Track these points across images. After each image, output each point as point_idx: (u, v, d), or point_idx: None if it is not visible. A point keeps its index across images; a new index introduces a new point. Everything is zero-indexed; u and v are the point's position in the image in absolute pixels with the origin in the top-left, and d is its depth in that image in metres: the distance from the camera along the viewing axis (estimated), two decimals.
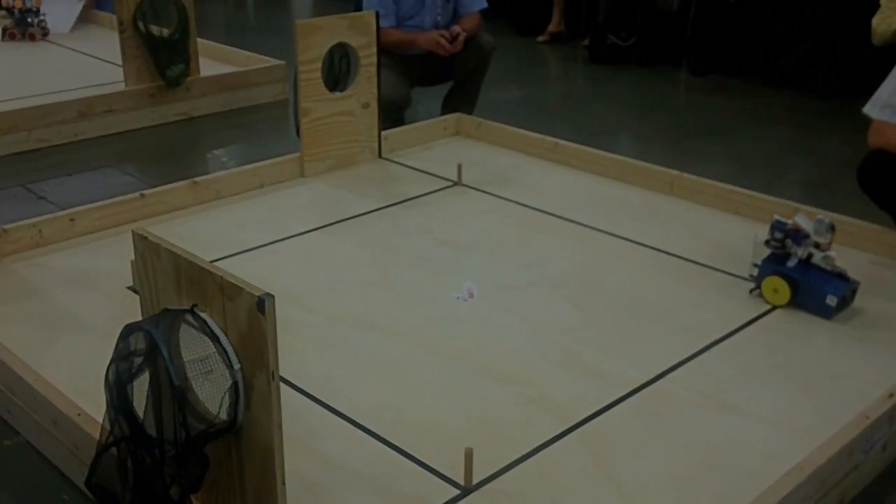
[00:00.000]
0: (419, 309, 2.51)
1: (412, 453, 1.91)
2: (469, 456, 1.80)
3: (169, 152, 4.13)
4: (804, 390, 2.15)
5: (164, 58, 4.33)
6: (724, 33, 5.39)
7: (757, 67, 5.30)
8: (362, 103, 3.50)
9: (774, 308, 2.49)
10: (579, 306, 2.52)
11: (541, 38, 6.36)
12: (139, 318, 1.64)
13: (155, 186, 3.20)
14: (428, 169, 3.51)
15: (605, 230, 2.99)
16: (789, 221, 2.46)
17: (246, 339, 1.46)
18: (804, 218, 2.47)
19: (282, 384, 1.49)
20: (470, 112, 4.10)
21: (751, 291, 2.55)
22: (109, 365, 1.54)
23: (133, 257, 1.67)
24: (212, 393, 1.50)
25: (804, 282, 2.44)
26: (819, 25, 5.04)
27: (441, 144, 3.81)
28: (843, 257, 2.49)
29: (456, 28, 3.99)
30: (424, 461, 1.88)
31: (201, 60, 4.55)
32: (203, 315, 1.51)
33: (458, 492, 1.80)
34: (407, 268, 2.76)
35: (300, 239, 2.94)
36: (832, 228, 2.43)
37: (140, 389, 1.52)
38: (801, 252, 2.45)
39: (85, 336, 2.36)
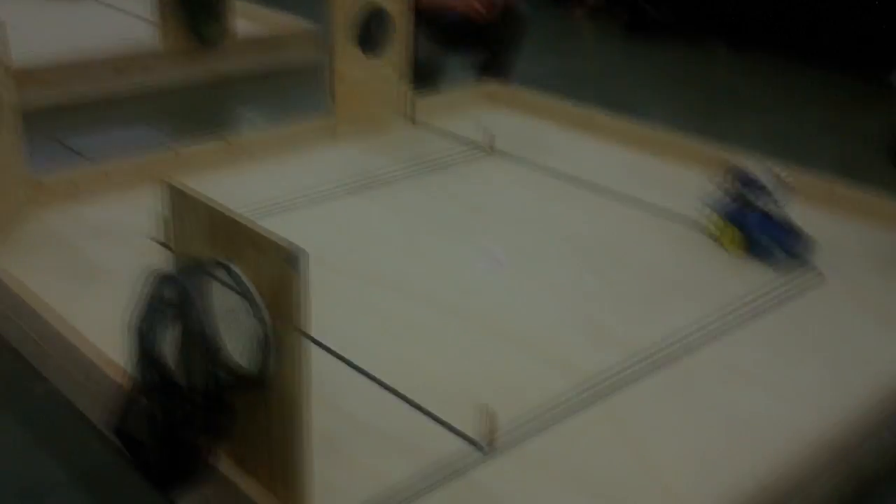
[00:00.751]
0: (447, 273, 2.52)
1: (435, 413, 1.92)
2: (493, 418, 1.81)
3: (202, 112, 4.15)
4: (833, 368, 2.13)
5: (199, 17, 4.34)
6: (763, 9, 5.31)
7: (795, 44, 5.23)
8: (395, 67, 3.49)
9: (807, 288, 2.47)
10: (608, 277, 2.52)
11: (577, 10, 6.30)
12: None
13: (187, 145, 3.22)
14: (460, 136, 3.50)
15: (637, 203, 2.97)
16: (749, 171, 2.49)
17: (277, 293, 1.47)
18: (761, 169, 2.51)
19: (309, 342, 1.50)
20: (504, 81, 4.08)
21: (704, 230, 2.59)
22: (137, 311, 1.55)
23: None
24: (241, 346, 1.51)
25: (758, 233, 2.49)
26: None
27: (474, 112, 3.80)
28: (877, 238, 2.47)
29: None
30: (447, 421, 1.90)
31: (237, 21, 4.56)
32: (234, 268, 1.52)
33: (480, 454, 1.81)
34: (436, 233, 2.76)
35: (330, 202, 2.95)
36: (786, 181, 2.50)
37: (169, 338, 1.54)
38: (760, 203, 2.48)
39: (113, 288, 2.35)
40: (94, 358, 1.97)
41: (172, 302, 1.52)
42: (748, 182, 2.51)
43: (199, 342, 1.49)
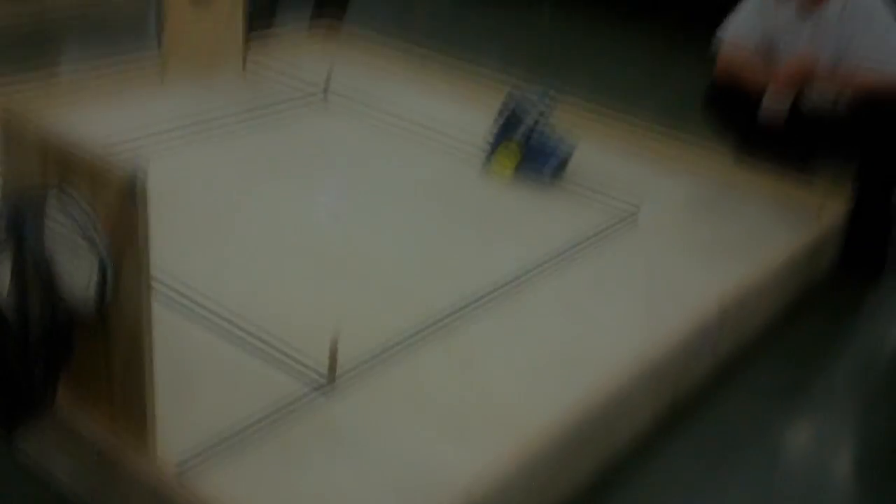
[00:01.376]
0: (287, 213, 2.54)
1: (277, 345, 1.95)
2: (334, 346, 1.86)
3: (26, 53, 3.91)
4: (646, 299, 2.30)
5: None
6: None
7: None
8: (228, 11, 3.41)
9: (619, 222, 2.63)
10: (441, 214, 2.60)
11: None
12: None
13: (9, 84, 3.05)
14: (295, 78, 3.48)
15: (468, 145, 3.04)
16: (519, 92, 2.73)
17: (115, 221, 1.45)
18: (531, 91, 2.77)
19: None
20: (340, 20, 4.05)
21: (484, 165, 2.78)
22: None
23: None
24: (79, 276, 1.48)
25: (528, 153, 2.71)
26: None
27: (310, 54, 3.77)
28: (688, 181, 2.67)
29: None
30: (289, 352, 1.93)
31: None
32: (71, 193, 1.48)
33: (322, 381, 1.86)
34: (274, 176, 2.76)
35: (163, 147, 2.88)
36: (552, 97, 2.75)
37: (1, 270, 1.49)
38: (529, 120, 2.70)
39: None
40: None
41: (2, 230, 1.47)
42: (521, 101, 2.74)
43: (33, 272, 1.45)
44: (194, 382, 1.83)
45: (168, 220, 2.35)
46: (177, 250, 2.26)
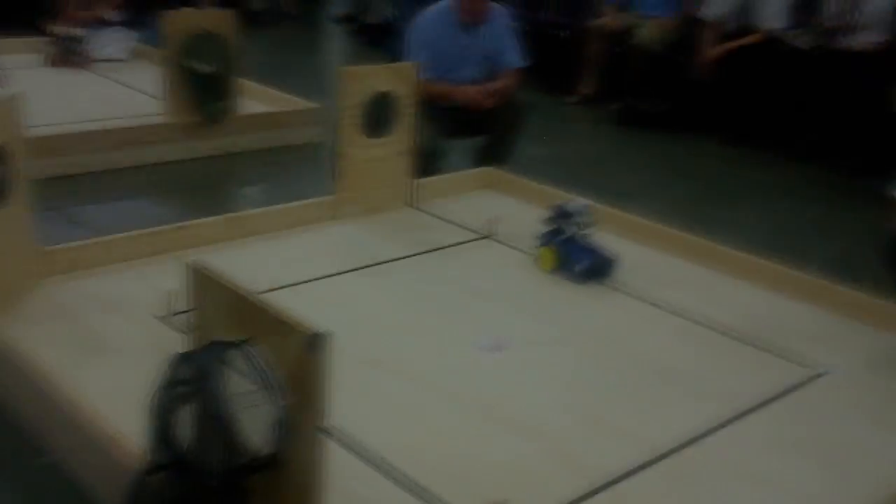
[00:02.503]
0: (447, 358, 2.53)
1: (437, 500, 1.92)
2: None
3: (203, 187, 4.19)
4: (830, 465, 2.15)
5: (204, 94, 4.42)
6: (755, 104, 5.45)
7: (787, 140, 5.36)
8: (399, 151, 3.56)
9: (804, 382, 2.50)
10: (606, 367, 2.54)
11: (570, 100, 6.44)
12: (172, 346, 1.67)
13: (188, 219, 3.25)
14: (459, 220, 3.56)
15: (633, 293, 3.01)
16: (563, 205, 3.12)
17: (294, 375, 1.49)
18: (574, 202, 3.14)
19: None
20: (502, 166, 4.15)
21: (535, 260, 3.16)
22: (155, 391, 1.56)
23: (168, 287, 1.70)
24: (256, 427, 1.52)
25: (563, 252, 3.08)
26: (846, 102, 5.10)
27: (473, 197, 3.86)
28: (868, 337, 2.51)
29: (492, 85, 4.07)
30: None
31: (242, 99, 4.64)
32: (253, 349, 1.53)
33: None
34: (435, 316, 2.78)
35: (329, 281, 2.97)
36: (590, 211, 3.11)
37: (184, 419, 1.55)
38: (568, 230, 3.08)
39: (116, 361, 2.38)
40: (96, 431, 1.96)
41: (189, 382, 1.53)
42: (563, 215, 3.10)
43: (215, 424, 1.49)
44: None
45: (335, 363, 2.43)
46: (339, 393, 2.29)
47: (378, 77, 3.43)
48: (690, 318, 2.86)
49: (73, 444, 2.04)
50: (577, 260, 3.05)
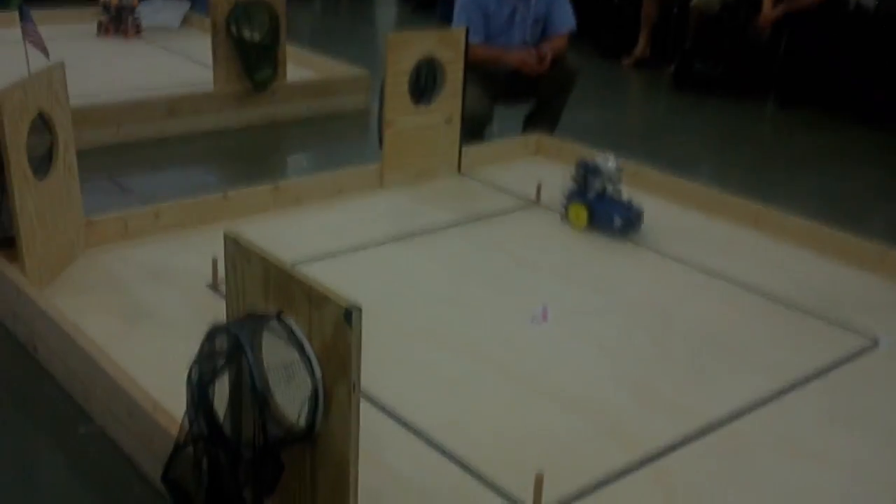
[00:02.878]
0: (492, 328, 2.50)
1: (481, 473, 1.90)
2: (539, 481, 1.78)
3: (251, 155, 4.19)
4: (887, 440, 2.08)
5: (253, 62, 4.40)
6: (814, 66, 5.29)
7: (848, 103, 5.19)
8: (446, 118, 3.51)
9: (859, 353, 2.43)
10: (654, 337, 2.49)
11: (626, 62, 6.32)
12: (217, 315, 1.66)
13: (237, 187, 3.25)
14: (507, 187, 3.51)
15: (683, 260, 2.94)
16: (590, 161, 3.06)
17: (329, 348, 1.47)
18: (603, 158, 3.08)
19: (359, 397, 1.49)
20: (551, 133, 4.08)
21: (561, 218, 3.15)
22: (193, 364, 1.56)
23: (214, 256, 1.69)
24: (291, 399, 1.51)
25: (598, 208, 3.05)
26: None
27: (521, 163, 3.80)
28: None
29: (544, 47, 3.98)
30: (493, 482, 1.87)
31: (288, 66, 4.62)
32: (288, 321, 1.52)
33: None
34: (481, 285, 2.75)
35: (376, 250, 2.96)
36: (620, 168, 3.07)
37: (221, 390, 1.54)
38: (597, 185, 3.05)
39: (163, 331, 2.40)
40: (139, 399, 1.97)
41: (224, 353, 1.52)
42: (590, 170, 3.06)
43: (249, 394, 1.48)
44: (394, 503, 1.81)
45: (377, 333, 2.42)
46: (378, 364, 2.27)
47: (425, 43, 3.38)
48: (742, 285, 2.78)
49: (116, 412, 2.05)
50: (614, 214, 3.03)
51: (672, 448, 2.01)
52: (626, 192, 3.12)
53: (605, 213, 3.05)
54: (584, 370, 2.32)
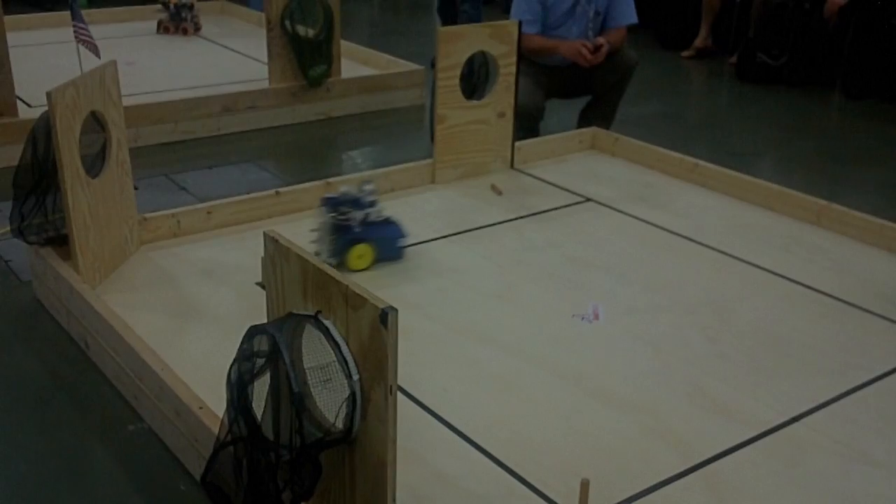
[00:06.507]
0: (542, 326, 2.46)
1: (526, 477, 1.86)
2: (585, 487, 1.74)
3: (306, 151, 4.20)
4: None
5: (307, 58, 4.41)
6: (883, 55, 5.12)
7: None
8: (498, 112, 3.47)
9: None
10: (710, 337, 2.42)
11: (686, 53, 6.20)
12: (267, 314, 1.65)
13: (290, 184, 3.25)
14: (560, 183, 3.45)
15: (742, 258, 2.86)
16: (337, 194, 2.71)
17: (367, 350, 1.44)
18: (347, 187, 2.76)
19: (398, 393, 1.47)
20: (607, 127, 4.01)
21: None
22: (232, 364, 1.55)
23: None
24: (329, 401, 1.49)
25: (377, 238, 2.71)
26: None
27: (575, 158, 3.75)
28: None
29: (600, 39, 3.91)
30: (538, 487, 1.83)
31: (343, 61, 4.62)
32: (326, 322, 1.50)
33: None
34: (532, 282, 2.71)
35: (427, 246, 2.93)
36: (372, 187, 2.76)
37: (260, 391, 1.53)
38: (360, 215, 2.67)
39: (213, 329, 2.40)
40: (186, 399, 1.97)
41: (262, 354, 1.51)
42: (342, 203, 2.70)
43: (287, 396, 1.47)
44: None
45: (426, 330, 2.40)
46: (425, 360, 2.25)
47: (477, 37, 3.34)
48: (802, 284, 2.70)
49: (164, 411, 2.06)
50: (395, 237, 2.76)
51: (725, 453, 1.95)
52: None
53: (386, 242, 2.75)
54: (636, 371, 2.26)
